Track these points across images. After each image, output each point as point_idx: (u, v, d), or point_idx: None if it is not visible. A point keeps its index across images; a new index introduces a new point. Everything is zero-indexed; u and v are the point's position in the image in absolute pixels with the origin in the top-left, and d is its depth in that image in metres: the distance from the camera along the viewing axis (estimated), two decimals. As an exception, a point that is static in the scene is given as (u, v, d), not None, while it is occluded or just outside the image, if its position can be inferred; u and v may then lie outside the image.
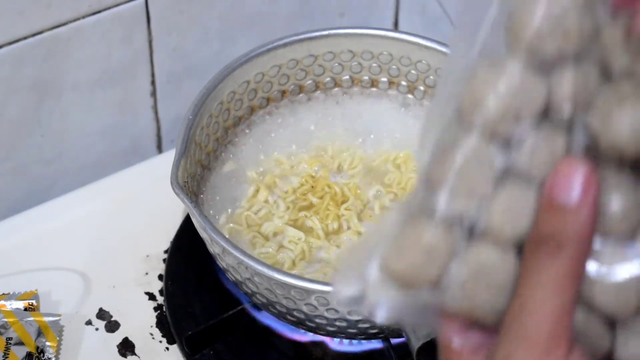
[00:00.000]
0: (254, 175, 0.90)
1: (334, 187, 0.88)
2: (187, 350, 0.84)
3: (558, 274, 0.43)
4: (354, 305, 0.45)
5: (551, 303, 0.43)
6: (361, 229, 0.86)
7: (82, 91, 0.96)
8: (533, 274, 0.43)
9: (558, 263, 0.43)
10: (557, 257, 0.43)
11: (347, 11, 1.08)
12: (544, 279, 0.43)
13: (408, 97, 0.95)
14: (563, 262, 0.43)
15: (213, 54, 1.02)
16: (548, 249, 0.43)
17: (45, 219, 0.94)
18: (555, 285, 0.43)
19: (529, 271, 0.43)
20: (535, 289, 0.43)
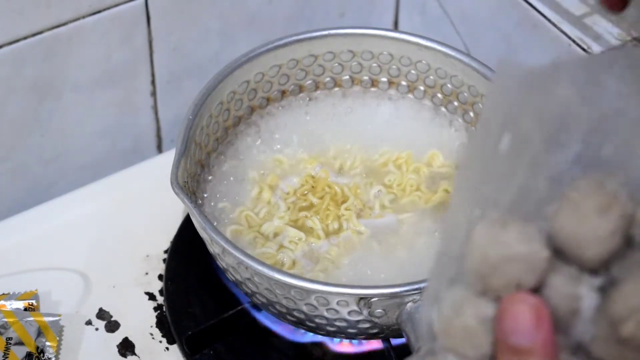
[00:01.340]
0: (255, 175, 0.90)
1: (334, 187, 0.88)
2: (187, 350, 0.84)
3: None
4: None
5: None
6: (361, 228, 0.86)
7: (82, 91, 0.96)
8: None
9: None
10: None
11: (347, 11, 1.08)
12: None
13: (408, 97, 0.95)
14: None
15: (213, 54, 1.02)
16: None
17: (45, 219, 0.94)
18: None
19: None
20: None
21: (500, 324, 0.43)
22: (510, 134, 0.45)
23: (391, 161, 0.90)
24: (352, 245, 0.85)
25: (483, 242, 0.44)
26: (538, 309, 0.43)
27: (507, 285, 0.44)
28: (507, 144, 0.45)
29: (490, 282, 0.44)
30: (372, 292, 0.74)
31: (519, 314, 0.43)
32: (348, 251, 0.85)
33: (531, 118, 0.45)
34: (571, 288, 0.44)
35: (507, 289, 0.44)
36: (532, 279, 0.44)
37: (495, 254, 0.44)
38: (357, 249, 0.85)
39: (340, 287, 0.75)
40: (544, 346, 0.43)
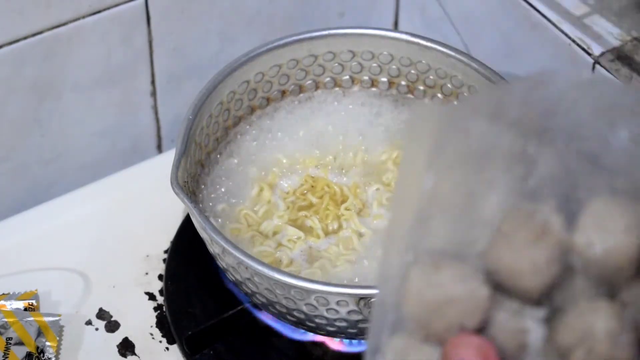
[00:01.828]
0: (255, 174, 0.90)
1: (333, 186, 0.88)
2: (187, 350, 0.84)
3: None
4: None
5: None
6: (362, 228, 0.86)
7: (82, 91, 0.96)
8: None
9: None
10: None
11: (347, 11, 1.08)
12: None
13: (408, 97, 0.95)
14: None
15: (213, 54, 1.02)
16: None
17: (45, 219, 0.94)
18: None
19: None
20: None
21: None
22: (434, 173, 0.44)
23: (390, 159, 0.90)
24: (351, 245, 0.85)
25: (419, 287, 0.43)
26: (484, 349, 0.42)
27: (449, 328, 0.42)
28: (432, 182, 0.44)
29: (432, 327, 0.43)
30: (372, 292, 0.74)
31: (464, 357, 0.42)
32: (347, 251, 0.84)
33: (453, 154, 0.45)
34: (516, 323, 0.43)
35: (449, 332, 0.43)
36: (475, 319, 0.43)
37: (433, 298, 0.43)
38: (356, 249, 0.85)
39: (340, 287, 0.75)
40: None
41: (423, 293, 0.43)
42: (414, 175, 0.44)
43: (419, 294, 0.43)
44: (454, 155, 0.44)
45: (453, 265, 0.43)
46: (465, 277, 0.43)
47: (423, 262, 0.43)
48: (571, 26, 0.90)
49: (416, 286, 0.43)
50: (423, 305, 0.43)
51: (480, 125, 0.44)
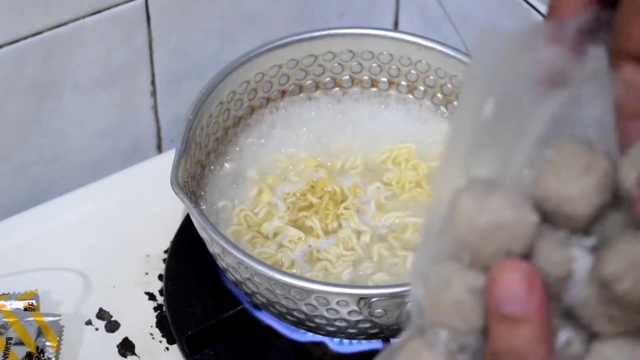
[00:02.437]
0: (255, 175, 0.90)
1: (333, 186, 0.88)
2: (187, 350, 0.84)
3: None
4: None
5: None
6: (361, 227, 0.86)
7: (82, 91, 0.96)
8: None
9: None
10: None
11: (347, 11, 1.08)
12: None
13: (408, 97, 0.95)
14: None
15: (213, 54, 1.02)
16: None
17: (45, 219, 0.94)
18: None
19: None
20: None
21: (490, 293, 0.42)
22: (493, 100, 0.44)
23: (390, 159, 0.90)
24: (350, 244, 0.85)
25: (468, 211, 0.43)
26: (530, 275, 0.42)
27: (496, 254, 0.43)
28: (491, 110, 0.44)
29: (478, 252, 0.43)
30: (372, 292, 0.74)
31: (510, 282, 0.41)
32: (348, 251, 0.84)
33: (516, 81, 0.45)
34: (562, 251, 0.43)
35: (496, 258, 0.43)
36: (522, 246, 0.43)
37: (482, 222, 0.43)
38: (355, 249, 0.85)
39: (340, 287, 0.75)
40: (537, 313, 0.41)
41: (472, 217, 0.43)
42: (473, 99, 0.44)
43: (468, 218, 0.43)
44: (518, 80, 0.44)
45: (503, 192, 0.43)
46: (514, 203, 0.43)
47: (474, 188, 0.44)
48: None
49: (466, 210, 0.43)
50: (472, 229, 0.43)
51: (550, 49, 0.44)
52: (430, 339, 0.44)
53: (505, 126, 0.44)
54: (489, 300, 0.42)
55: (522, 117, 0.44)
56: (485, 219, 0.43)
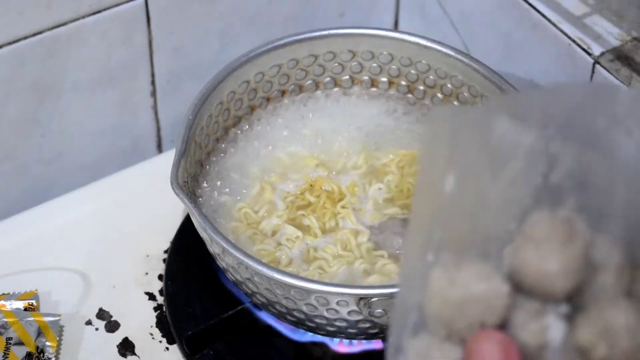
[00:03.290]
0: (256, 174, 0.90)
1: (332, 185, 0.88)
2: (187, 350, 0.84)
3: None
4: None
5: None
6: (358, 226, 0.86)
7: (82, 91, 0.96)
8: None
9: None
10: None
11: (347, 11, 1.08)
12: None
13: (408, 97, 0.95)
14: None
15: (213, 54, 1.02)
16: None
17: (45, 219, 0.94)
18: None
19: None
20: None
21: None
22: (454, 174, 0.44)
23: (394, 163, 0.90)
24: (347, 244, 0.85)
25: (440, 286, 0.43)
26: (505, 344, 0.42)
27: (471, 326, 0.43)
28: (452, 184, 0.44)
29: (453, 326, 0.43)
30: (372, 292, 0.74)
31: (487, 352, 0.42)
32: (345, 252, 0.84)
33: (474, 155, 0.45)
34: (537, 320, 0.43)
35: (471, 330, 0.43)
36: (496, 317, 0.43)
37: (454, 296, 0.43)
38: (352, 249, 0.85)
39: (340, 287, 0.75)
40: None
41: (444, 292, 0.43)
42: (433, 176, 0.45)
43: (440, 293, 0.43)
44: (475, 154, 0.45)
45: (473, 264, 0.44)
46: (485, 275, 0.43)
47: (444, 262, 0.44)
48: (571, 26, 0.90)
49: (437, 285, 0.43)
50: (445, 304, 0.43)
51: (503, 123, 0.44)
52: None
53: (466, 199, 0.45)
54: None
55: (484, 190, 0.45)
56: (457, 293, 0.43)
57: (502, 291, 0.43)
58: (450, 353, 0.43)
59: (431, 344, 0.44)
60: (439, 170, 0.45)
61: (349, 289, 0.75)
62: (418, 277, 0.44)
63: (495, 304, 0.43)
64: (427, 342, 0.44)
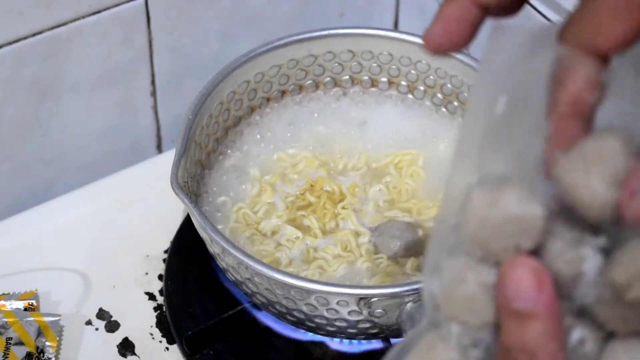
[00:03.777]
0: (256, 174, 0.90)
1: (332, 185, 0.88)
2: (187, 350, 0.84)
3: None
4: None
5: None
6: (359, 227, 0.86)
7: (82, 91, 0.96)
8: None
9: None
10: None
11: (347, 11, 1.08)
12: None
13: (408, 97, 0.95)
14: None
15: (213, 54, 1.02)
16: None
17: (45, 219, 0.94)
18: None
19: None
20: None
21: (501, 289, 0.43)
22: (507, 97, 0.44)
23: (393, 163, 0.90)
24: (348, 245, 0.85)
25: (480, 207, 0.44)
26: (539, 271, 0.42)
27: (506, 249, 0.43)
28: (504, 106, 0.44)
29: (489, 247, 0.43)
30: (372, 292, 0.74)
31: (519, 278, 0.42)
32: (345, 252, 0.84)
33: (529, 78, 0.45)
34: (573, 250, 0.43)
35: (506, 253, 0.43)
36: (530, 241, 0.43)
37: (492, 217, 0.43)
38: (352, 250, 0.85)
39: (340, 287, 0.75)
40: (547, 309, 0.42)
41: (482, 212, 0.43)
42: (486, 96, 0.45)
43: (478, 213, 0.43)
44: (530, 79, 0.44)
45: (514, 188, 0.44)
46: (524, 198, 0.43)
47: (485, 184, 0.44)
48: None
49: (477, 206, 0.44)
50: (482, 224, 0.43)
51: (562, 50, 0.44)
52: (444, 333, 0.45)
53: (517, 123, 0.45)
54: (500, 295, 0.43)
55: (535, 115, 0.45)
56: (495, 214, 0.43)
57: (538, 214, 0.43)
58: (485, 275, 0.43)
59: (466, 265, 0.44)
60: (494, 90, 0.44)
61: (349, 289, 0.75)
62: (460, 198, 0.44)
63: (530, 226, 0.43)
64: (462, 263, 0.44)
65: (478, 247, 0.44)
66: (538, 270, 0.42)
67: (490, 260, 0.44)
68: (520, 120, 0.45)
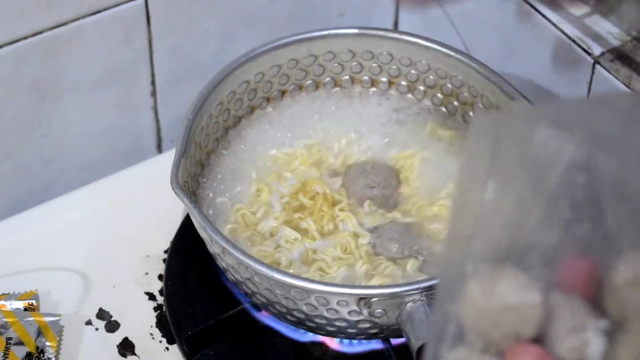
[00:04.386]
0: (254, 174, 0.90)
1: (325, 187, 0.88)
2: (187, 350, 0.84)
3: None
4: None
5: None
6: (359, 229, 0.86)
7: (82, 91, 0.96)
8: None
9: None
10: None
11: (347, 11, 1.08)
12: None
13: (408, 97, 0.94)
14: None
15: (213, 54, 1.02)
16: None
17: (45, 219, 0.94)
18: None
19: None
20: None
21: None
22: (494, 183, 0.45)
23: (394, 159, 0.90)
24: (347, 247, 0.85)
25: (477, 297, 0.43)
26: (542, 358, 0.42)
27: (506, 338, 0.43)
28: (492, 193, 0.44)
29: (490, 337, 0.43)
30: (372, 292, 0.74)
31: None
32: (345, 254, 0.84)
33: (514, 163, 0.45)
34: (576, 335, 0.43)
35: (507, 341, 0.43)
36: (530, 328, 0.43)
37: (490, 307, 0.43)
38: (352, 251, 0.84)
39: (340, 287, 0.75)
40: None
41: (481, 302, 0.43)
42: (474, 184, 0.45)
43: (477, 304, 0.43)
44: (516, 163, 0.45)
45: (510, 274, 0.43)
46: (521, 285, 0.43)
47: (482, 272, 0.44)
48: (571, 26, 0.90)
49: (474, 296, 0.43)
50: (481, 314, 0.43)
51: (543, 132, 0.44)
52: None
53: (507, 208, 0.45)
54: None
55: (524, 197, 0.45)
56: (493, 303, 0.43)
57: (536, 301, 0.43)
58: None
59: (469, 356, 0.44)
60: (480, 178, 0.44)
61: (349, 289, 0.75)
62: (456, 287, 0.44)
63: (529, 314, 0.43)
64: (465, 354, 0.44)
65: (479, 337, 0.44)
66: (541, 357, 0.42)
67: (492, 349, 0.44)
68: (508, 206, 0.45)
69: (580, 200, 0.44)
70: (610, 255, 0.44)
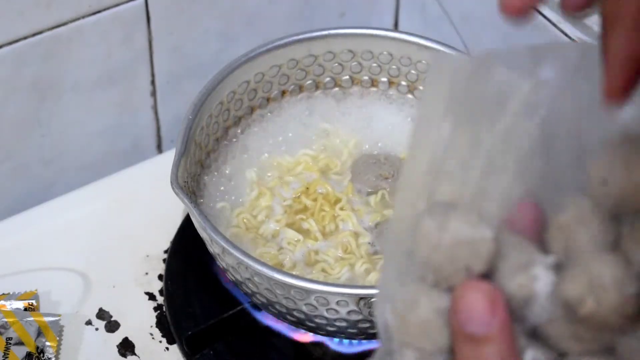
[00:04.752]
0: (254, 176, 0.90)
1: (327, 187, 0.88)
2: (187, 350, 0.84)
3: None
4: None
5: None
6: (359, 228, 0.86)
7: (82, 91, 0.96)
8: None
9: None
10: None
11: (347, 11, 1.08)
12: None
13: (408, 97, 0.95)
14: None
15: (213, 54, 1.02)
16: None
17: (45, 219, 0.94)
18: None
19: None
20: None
21: (454, 313, 0.43)
22: (450, 121, 0.45)
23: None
24: (348, 247, 0.85)
25: (430, 232, 0.44)
26: (491, 294, 0.42)
27: (457, 272, 0.44)
28: (448, 132, 0.45)
29: (441, 271, 0.44)
30: (372, 292, 0.74)
31: (472, 302, 0.42)
32: (347, 254, 0.84)
33: (471, 102, 0.45)
34: (524, 271, 0.44)
35: (458, 276, 0.44)
36: (481, 263, 0.44)
37: (442, 241, 0.44)
38: (354, 251, 0.84)
39: (340, 287, 0.75)
40: (501, 333, 0.42)
41: (433, 237, 0.44)
42: (430, 123, 0.45)
43: (429, 238, 0.44)
44: (472, 102, 0.45)
45: (461, 213, 0.44)
46: (472, 222, 0.44)
47: (435, 210, 0.44)
48: (571, 26, 0.90)
49: (427, 231, 0.44)
50: (433, 249, 0.44)
51: (500, 72, 0.45)
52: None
53: (463, 148, 0.45)
54: (453, 320, 0.43)
55: (478, 137, 0.45)
56: (445, 238, 0.44)
57: (487, 236, 0.44)
58: (438, 300, 0.44)
59: (419, 291, 0.44)
60: (436, 118, 0.45)
61: (348, 289, 0.75)
62: (409, 224, 0.45)
63: (480, 249, 0.43)
64: (415, 289, 0.44)
65: (431, 271, 0.44)
66: (490, 293, 0.43)
67: (443, 285, 0.44)
68: (464, 146, 0.45)
69: (532, 142, 0.45)
70: (556, 196, 0.45)
